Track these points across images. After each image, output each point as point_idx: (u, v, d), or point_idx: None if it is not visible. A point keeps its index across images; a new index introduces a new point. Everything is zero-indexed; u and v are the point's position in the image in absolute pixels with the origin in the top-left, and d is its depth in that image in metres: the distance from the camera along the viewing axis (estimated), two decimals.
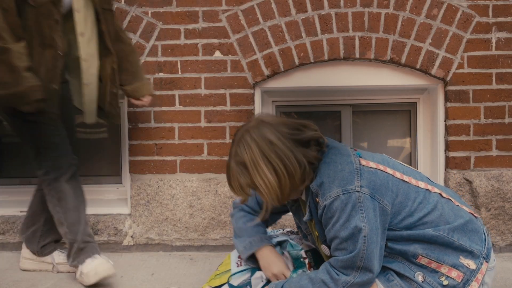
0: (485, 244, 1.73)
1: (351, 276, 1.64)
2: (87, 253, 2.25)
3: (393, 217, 1.68)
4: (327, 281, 1.67)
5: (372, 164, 1.68)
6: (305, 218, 1.80)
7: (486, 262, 1.71)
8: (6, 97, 2.07)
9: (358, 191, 1.62)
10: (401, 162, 1.83)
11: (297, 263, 1.91)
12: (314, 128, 1.73)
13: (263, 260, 1.89)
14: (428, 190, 1.73)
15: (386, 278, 1.74)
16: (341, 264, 1.65)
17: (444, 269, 1.69)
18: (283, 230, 2.19)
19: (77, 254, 2.25)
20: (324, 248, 1.77)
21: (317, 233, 1.80)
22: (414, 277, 1.70)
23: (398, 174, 1.71)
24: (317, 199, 1.72)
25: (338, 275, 1.66)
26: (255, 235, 1.94)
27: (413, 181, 1.73)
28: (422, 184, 1.74)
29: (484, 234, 1.75)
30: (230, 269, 1.95)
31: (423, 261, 1.70)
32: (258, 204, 1.99)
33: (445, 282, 1.68)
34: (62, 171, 2.25)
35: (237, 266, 1.95)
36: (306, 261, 1.92)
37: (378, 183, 1.65)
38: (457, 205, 1.77)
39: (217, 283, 1.93)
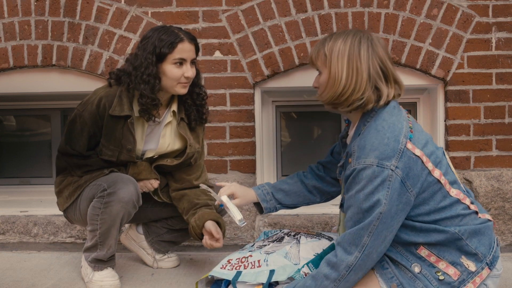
0: (491, 251, 1.72)
1: (353, 257, 1.64)
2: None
3: (410, 209, 1.69)
4: (328, 272, 1.67)
5: (417, 152, 1.67)
6: (337, 175, 1.94)
7: (489, 268, 1.70)
8: None
9: (392, 170, 1.62)
10: (450, 164, 1.81)
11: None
12: (395, 92, 1.76)
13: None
14: (459, 199, 1.73)
15: (381, 266, 1.74)
16: (348, 237, 1.65)
17: (442, 265, 1.69)
18: (281, 231, 2.19)
19: None
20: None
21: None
22: (410, 267, 1.70)
23: (437, 173, 1.70)
24: (350, 159, 1.73)
25: (337, 256, 1.66)
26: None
27: (447, 186, 1.72)
28: (453, 192, 1.73)
29: (494, 242, 1.75)
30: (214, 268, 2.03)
31: (423, 253, 1.70)
32: (331, 153, 2.13)
33: (441, 277, 1.69)
34: None
35: (221, 268, 2.00)
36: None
37: (414, 172, 1.65)
38: (479, 217, 1.76)
39: (202, 277, 2.10)
